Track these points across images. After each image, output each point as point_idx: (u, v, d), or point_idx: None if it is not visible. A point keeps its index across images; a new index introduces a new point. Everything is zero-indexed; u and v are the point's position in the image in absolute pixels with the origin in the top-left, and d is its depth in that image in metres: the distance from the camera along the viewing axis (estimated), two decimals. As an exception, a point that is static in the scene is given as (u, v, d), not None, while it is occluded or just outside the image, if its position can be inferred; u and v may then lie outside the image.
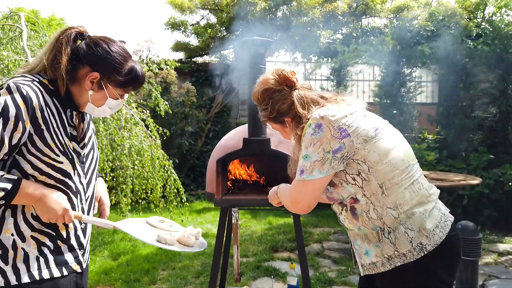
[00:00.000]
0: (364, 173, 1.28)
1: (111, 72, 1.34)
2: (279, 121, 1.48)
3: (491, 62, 5.62)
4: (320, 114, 1.30)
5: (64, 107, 1.33)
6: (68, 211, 1.28)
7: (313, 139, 1.28)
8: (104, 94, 1.36)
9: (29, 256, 1.26)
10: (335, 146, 1.27)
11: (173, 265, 4.00)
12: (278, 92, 1.45)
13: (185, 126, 7.56)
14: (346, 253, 4.30)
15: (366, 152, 1.28)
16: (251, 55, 2.45)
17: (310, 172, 1.28)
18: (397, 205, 1.28)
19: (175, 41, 8.67)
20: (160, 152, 4.72)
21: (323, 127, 1.28)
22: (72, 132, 1.36)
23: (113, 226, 1.39)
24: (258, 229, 5.33)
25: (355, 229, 1.37)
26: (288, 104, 1.44)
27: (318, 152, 1.27)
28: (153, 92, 5.31)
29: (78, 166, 1.36)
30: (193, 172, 7.93)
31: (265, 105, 1.48)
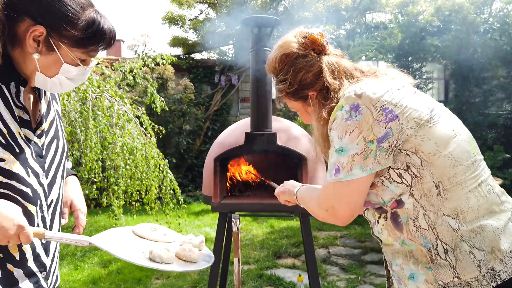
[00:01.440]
0: (415, 168, 0.96)
1: (62, 25, 0.95)
2: (300, 96, 1.17)
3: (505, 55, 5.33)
4: (356, 92, 0.98)
5: (5, 81, 0.98)
6: (24, 228, 0.92)
7: (348, 125, 0.97)
8: (57, 58, 0.98)
9: None
10: (379, 132, 0.95)
11: (167, 273, 3.69)
12: (302, 58, 1.14)
13: (183, 124, 7.25)
14: (355, 260, 3.99)
15: (419, 140, 0.96)
16: (255, 36, 2.12)
17: (349, 171, 0.97)
18: (458, 212, 0.96)
19: (173, 36, 8.37)
20: (155, 151, 4.44)
21: (362, 109, 0.96)
22: (22, 116, 1.01)
23: (89, 243, 1.03)
24: (260, 233, 5.02)
25: (396, 244, 1.04)
26: (315, 73, 1.12)
27: (357, 142, 0.96)
28: (149, 88, 5.03)
29: (33, 162, 1.01)
30: (191, 172, 7.63)
31: (284, 75, 1.16)
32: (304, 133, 2.49)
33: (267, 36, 2.12)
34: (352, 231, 4.97)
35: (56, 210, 1.11)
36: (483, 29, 8.00)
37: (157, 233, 1.22)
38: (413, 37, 5.84)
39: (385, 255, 1.12)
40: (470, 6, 8.85)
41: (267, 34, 2.12)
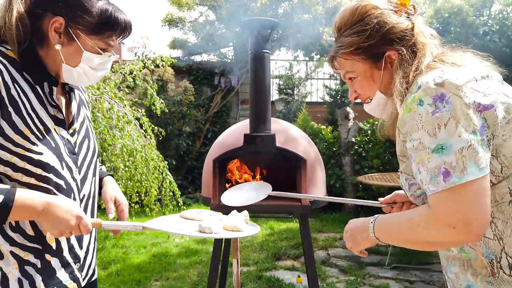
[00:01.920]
0: (493, 175, 0.83)
1: (78, 13, 1.02)
2: (374, 53, 0.97)
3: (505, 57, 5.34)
4: (436, 81, 0.82)
5: (39, 81, 1.04)
6: (83, 219, 0.99)
7: (438, 118, 0.79)
8: (77, 47, 1.04)
9: (9, 278, 0.99)
10: (478, 122, 0.79)
11: (167, 275, 3.68)
12: (391, 11, 0.97)
13: (183, 126, 7.25)
14: (355, 261, 3.99)
15: (501, 140, 0.82)
16: (254, 38, 2.13)
17: (463, 170, 0.77)
18: None
19: (173, 38, 8.38)
20: (154, 152, 4.45)
21: (449, 97, 0.79)
22: (56, 115, 1.08)
23: (142, 227, 1.10)
24: (259, 235, 5.01)
25: (454, 250, 0.93)
26: (403, 29, 0.95)
27: (459, 134, 0.77)
28: (149, 90, 5.04)
29: (67, 157, 1.07)
30: (191, 174, 7.63)
31: (363, 26, 0.96)
32: (302, 135, 2.50)
33: (265, 38, 2.13)
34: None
35: (88, 205, 1.17)
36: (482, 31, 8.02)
37: (203, 215, 1.30)
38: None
39: (440, 259, 1.02)
40: (469, 8, 8.88)
41: (266, 36, 2.13)
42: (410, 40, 0.96)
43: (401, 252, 4.03)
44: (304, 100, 7.30)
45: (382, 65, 0.97)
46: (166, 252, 4.33)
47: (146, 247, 4.53)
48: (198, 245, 4.56)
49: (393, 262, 3.84)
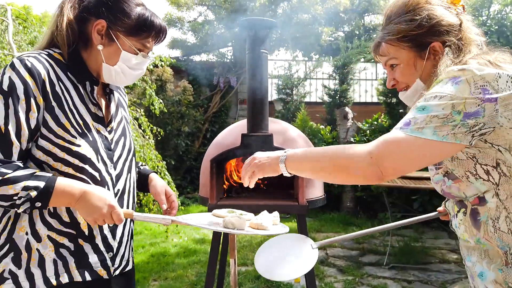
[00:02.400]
0: (505, 166, 0.89)
1: (118, 16, 1.13)
2: (420, 43, 1.03)
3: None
4: (461, 68, 0.90)
5: (82, 80, 1.15)
6: (115, 208, 1.06)
7: (442, 91, 0.88)
8: (117, 47, 1.14)
9: (45, 259, 1.08)
10: (470, 107, 0.85)
11: (165, 274, 3.68)
12: (442, 7, 1.03)
13: (182, 126, 7.26)
14: (353, 261, 3.99)
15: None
16: (251, 38, 2.14)
17: (420, 128, 0.85)
18: None
19: (172, 38, 8.39)
20: (153, 152, 4.45)
21: (460, 80, 0.87)
22: (97, 113, 1.17)
23: (172, 220, 1.13)
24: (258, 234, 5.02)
25: (471, 242, 0.98)
26: (451, 24, 1.01)
27: (443, 107, 0.85)
28: (148, 90, 5.04)
29: (103, 152, 1.15)
30: (190, 174, 7.63)
31: (414, 15, 1.02)
32: (300, 135, 2.50)
33: (263, 39, 2.13)
34: (350, 233, 4.97)
35: (123, 199, 1.22)
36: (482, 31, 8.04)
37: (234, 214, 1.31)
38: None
39: (460, 250, 1.07)
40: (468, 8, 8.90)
41: (263, 36, 2.13)
42: (457, 35, 1.01)
43: (400, 252, 4.04)
44: (303, 100, 7.30)
45: (426, 55, 1.03)
46: (164, 252, 4.33)
47: (145, 247, 4.53)
48: (196, 245, 4.56)
49: (391, 262, 3.85)
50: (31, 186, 0.98)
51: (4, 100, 1.00)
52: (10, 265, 1.06)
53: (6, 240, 1.07)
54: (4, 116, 0.99)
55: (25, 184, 0.97)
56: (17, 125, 1.00)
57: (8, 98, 1.00)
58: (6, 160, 0.99)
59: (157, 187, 1.33)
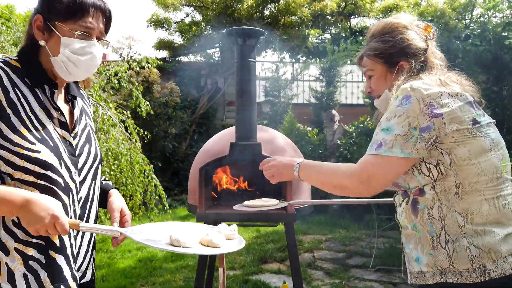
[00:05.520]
0: (443, 166, 1.09)
1: (50, 4, 1.10)
2: (391, 61, 1.24)
3: (485, 62, 5.45)
4: (412, 86, 1.10)
5: (39, 84, 1.12)
6: (59, 218, 0.99)
7: (398, 110, 1.09)
8: (57, 37, 1.10)
9: (15, 274, 1.03)
10: (423, 123, 1.06)
11: (153, 280, 3.67)
12: (414, 33, 1.23)
13: (169, 127, 7.22)
14: (339, 264, 4.04)
15: (455, 143, 1.08)
16: (239, 47, 2.14)
17: (390, 148, 1.08)
18: (468, 213, 1.08)
19: (158, 39, 8.34)
20: (140, 156, 4.42)
21: (412, 99, 1.08)
22: (59, 118, 1.14)
23: (120, 233, 1.10)
24: (245, 237, 5.03)
25: (409, 227, 1.17)
26: (419, 48, 1.22)
27: (402, 125, 1.07)
28: (134, 92, 5.00)
29: (67, 158, 1.11)
30: (177, 176, 7.59)
31: (390, 37, 1.23)
32: (289, 143, 2.52)
33: (251, 48, 2.15)
34: (337, 235, 5.02)
35: (86, 207, 1.18)
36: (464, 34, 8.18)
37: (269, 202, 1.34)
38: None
39: (402, 239, 1.24)
40: (452, 12, 9.05)
41: (251, 45, 2.14)
42: (422, 58, 1.21)
43: (386, 254, 4.10)
44: (290, 102, 7.33)
45: (395, 71, 1.24)
46: (152, 257, 4.31)
47: (132, 251, 4.50)
48: (184, 249, 4.54)
49: (377, 264, 3.90)
50: None
51: None
52: None
53: None
54: None
55: None
56: None
57: None
58: None
59: (113, 204, 1.27)
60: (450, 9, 9.12)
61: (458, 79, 1.21)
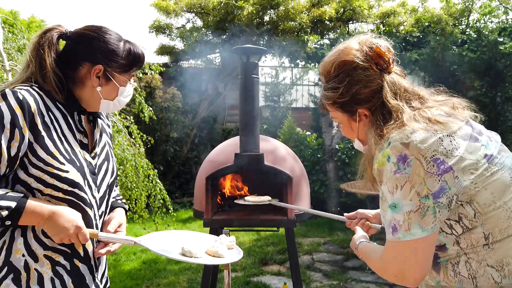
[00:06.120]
0: (467, 220, 0.92)
1: (112, 58, 1.23)
2: (348, 109, 1.06)
3: (480, 69, 5.61)
4: (403, 140, 0.90)
5: (70, 111, 1.24)
6: (82, 229, 1.15)
7: (398, 179, 0.90)
8: (114, 85, 1.26)
9: (43, 277, 1.15)
10: (434, 187, 0.88)
11: (158, 281, 3.81)
12: (361, 70, 1.02)
13: (170, 132, 7.36)
14: (338, 266, 4.18)
15: (474, 190, 0.90)
16: (244, 64, 2.30)
17: (407, 230, 0.89)
18: (503, 264, 0.91)
19: (160, 44, 8.48)
20: (144, 161, 4.55)
21: (410, 160, 0.88)
22: (82, 140, 1.26)
23: (134, 242, 1.24)
24: (246, 240, 5.17)
25: (431, 282, 1.02)
26: (372, 89, 1.02)
27: (410, 198, 0.88)
28: (137, 97, 5.13)
29: (89, 177, 1.23)
30: (178, 180, 7.73)
31: (337, 83, 1.05)
32: (290, 153, 2.67)
33: (254, 65, 2.30)
34: (335, 237, 5.16)
35: (103, 220, 1.32)
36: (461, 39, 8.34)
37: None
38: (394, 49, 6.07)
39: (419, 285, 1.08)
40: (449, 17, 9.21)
41: (255, 63, 2.29)
42: (378, 101, 1.02)
43: (382, 256, 4.23)
44: (289, 107, 7.48)
45: (357, 119, 1.06)
46: (156, 259, 4.45)
47: (136, 254, 4.64)
48: (187, 251, 4.67)
49: (373, 267, 4.04)
50: (3, 206, 1.06)
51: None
52: (11, 285, 1.13)
53: (4, 263, 1.14)
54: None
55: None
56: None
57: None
58: None
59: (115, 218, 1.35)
60: (447, 14, 9.29)
61: (446, 103, 1.03)
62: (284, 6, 7.91)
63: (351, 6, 8.65)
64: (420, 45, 8.10)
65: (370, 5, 9.22)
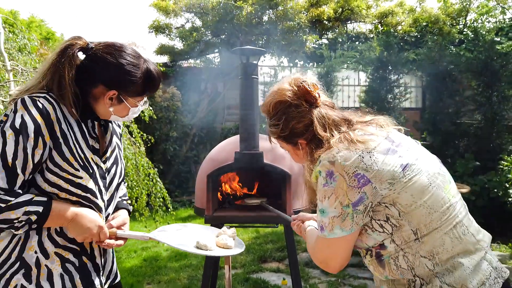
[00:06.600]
0: (394, 219, 1.07)
1: (128, 86, 1.27)
2: (290, 141, 1.25)
3: (476, 69, 5.67)
4: (330, 159, 1.08)
5: (85, 119, 1.29)
6: (103, 228, 1.25)
7: (326, 191, 1.08)
8: (125, 106, 1.30)
9: (53, 274, 1.21)
10: (354, 197, 1.05)
11: (158, 278, 3.87)
12: (294, 108, 1.20)
13: (170, 131, 7.41)
14: (336, 263, 4.24)
15: (396, 194, 1.06)
16: (243, 65, 2.36)
17: (331, 230, 1.09)
18: (433, 254, 1.07)
19: (160, 44, 8.53)
20: (144, 159, 4.60)
21: (336, 176, 1.06)
22: (94, 145, 1.30)
23: (149, 237, 1.34)
24: (246, 237, 5.23)
25: (381, 277, 1.17)
26: (305, 124, 1.20)
27: (335, 206, 1.07)
28: (138, 97, 5.18)
29: (100, 181, 1.29)
30: (178, 178, 7.78)
31: (277, 121, 1.23)
32: (288, 151, 2.73)
33: (254, 66, 2.36)
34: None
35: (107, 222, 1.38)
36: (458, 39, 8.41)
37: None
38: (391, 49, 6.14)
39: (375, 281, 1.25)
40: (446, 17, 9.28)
41: (254, 64, 2.35)
42: (311, 133, 1.20)
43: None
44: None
45: (300, 147, 1.24)
46: (156, 256, 4.51)
47: (137, 251, 4.69)
48: (187, 249, 4.73)
49: (371, 263, 4.10)
50: (32, 211, 1.12)
51: (15, 137, 1.11)
52: (21, 280, 1.18)
53: (16, 258, 1.19)
54: (13, 152, 1.11)
55: (26, 209, 1.12)
56: (24, 160, 1.12)
57: (18, 136, 1.11)
58: (9, 189, 1.12)
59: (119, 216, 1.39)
60: (444, 14, 9.36)
61: (372, 123, 1.20)
62: (282, 6, 7.97)
63: (350, 6, 8.72)
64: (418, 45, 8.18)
65: (368, 5, 9.30)
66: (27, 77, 3.97)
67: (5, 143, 1.11)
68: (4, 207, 1.10)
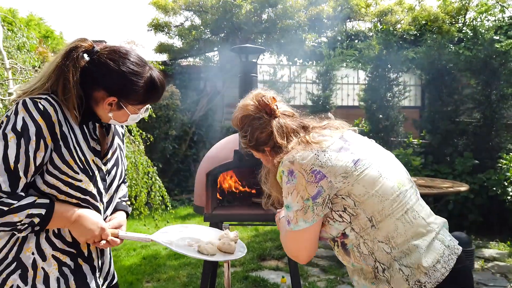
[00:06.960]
0: (350, 208, 1.18)
1: (128, 94, 1.24)
2: (259, 149, 1.37)
3: (475, 67, 5.67)
4: (290, 159, 1.21)
5: (86, 121, 1.27)
6: (105, 230, 1.25)
7: (289, 188, 1.21)
8: (125, 112, 1.28)
9: (49, 277, 1.20)
10: (312, 191, 1.17)
11: (158, 276, 3.87)
12: (257, 120, 1.34)
13: (169, 129, 7.41)
14: (335, 261, 4.25)
15: (350, 186, 1.18)
16: (243, 63, 2.35)
17: (296, 223, 1.20)
18: (389, 238, 1.18)
19: (159, 42, 8.51)
20: (143, 158, 4.61)
21: (296, 174, 1.19)
22: (95, 147, 1.28)
23: (151, 239, 1.35)
24: (245, 236, 5.24)
25: (349, 266, 1.28)
26: (267, 133, 1.33)
27: (297, 201, 1.19)
28: (137, 96, 5.18)
29: (100, 184, 1.28)
30: (177, 177, 7.78)
31: (244, 133, 1.36)
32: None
33: (253, 64, 2.35)
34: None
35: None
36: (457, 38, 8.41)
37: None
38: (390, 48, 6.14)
39: (348, 272, 1.35)
40: (445, 16, 9.28)
41: (254, 61, 2.35)
42: (273, 141, 1.31)
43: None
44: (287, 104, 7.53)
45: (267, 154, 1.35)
46: (155, 254, 4.51)
47: (136, 250, 4.70)
48: (186, 247, 4.74)
49: (370, 262, 4.11)
50: (35, 213, 1.12)
51: (17, 140, 1.10)
52: (17, 281, 1.17)
53: (13, 258, 1.19)
54: (15, 155, 1.10)
55: (28, 212, 1.11)
56: (26, 163, 1.11)
57: (20, 139, 1.11)
58: (11, 192, 1.12)
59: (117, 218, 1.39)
60: (444, 13, 9.36)
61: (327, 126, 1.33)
62: (282, 4, 7.96)
63: (349, 5, 8.71)
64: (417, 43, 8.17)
65: (367, 4, 9.29)
66: (26, 75, 3.97)
67: (7, 146, 1.11)
68: (7, 210, 1.10)
